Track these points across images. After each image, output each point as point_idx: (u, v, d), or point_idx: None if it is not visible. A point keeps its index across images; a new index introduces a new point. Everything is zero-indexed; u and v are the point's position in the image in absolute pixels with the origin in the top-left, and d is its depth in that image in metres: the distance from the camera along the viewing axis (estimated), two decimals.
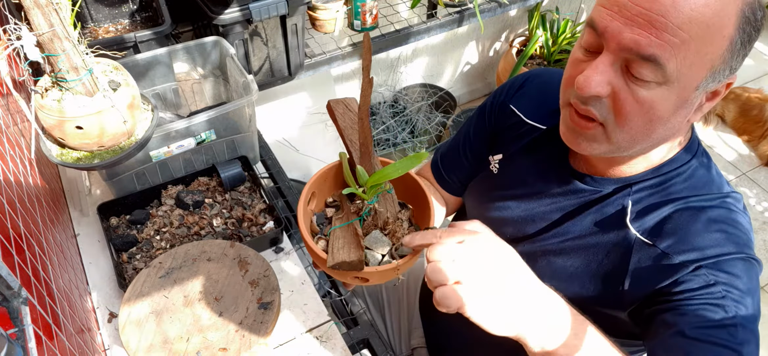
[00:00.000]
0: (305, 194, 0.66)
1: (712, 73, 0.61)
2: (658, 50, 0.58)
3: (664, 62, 0.58)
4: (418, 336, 1.15)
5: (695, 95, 0.63)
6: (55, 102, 0.89)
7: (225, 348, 0.91)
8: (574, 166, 0.80)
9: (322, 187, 0.70)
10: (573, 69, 0.68)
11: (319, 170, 0.69)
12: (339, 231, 0.63)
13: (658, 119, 0.64)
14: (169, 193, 1.20)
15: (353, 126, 0.67)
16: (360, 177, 0.63)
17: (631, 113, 0.63)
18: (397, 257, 0.64)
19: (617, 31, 0.60)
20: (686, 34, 0.57)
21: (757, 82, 3.03)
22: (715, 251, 0.68)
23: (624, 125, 0.65)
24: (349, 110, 0.68)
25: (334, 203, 0.71)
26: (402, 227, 0.67)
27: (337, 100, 0.68)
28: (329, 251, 0.61)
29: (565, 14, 2.60)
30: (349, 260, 0.59)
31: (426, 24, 1.89)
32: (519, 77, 0.92)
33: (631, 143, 0.68)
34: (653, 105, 0.62)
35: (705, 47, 0.59)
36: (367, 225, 0.65)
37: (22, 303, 0.60)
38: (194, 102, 1.39)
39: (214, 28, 1.40)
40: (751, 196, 2.50)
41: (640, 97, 0.62)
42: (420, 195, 0.69)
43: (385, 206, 0.65)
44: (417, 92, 2.69)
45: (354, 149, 0.66)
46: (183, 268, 1.02)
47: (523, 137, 0.86)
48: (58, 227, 1.01)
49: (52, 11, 0.80)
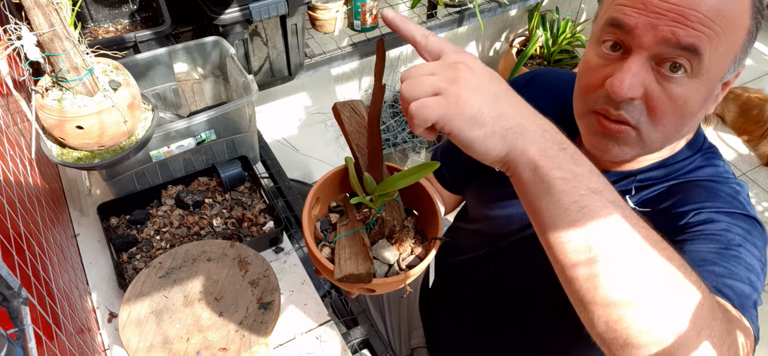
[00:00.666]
0: (310, 201, 0.64)
1: (734, 64, 0.63)
2: (697, 40, 0.58)
3: (702, 51, 0.58)
4: (418, 336, 1.15)
5: (718, 86, 0.64)
6: (55, 102, 0.89)
7: (225, 348, 0.91)
8: None
9: (326, 192, 0.68)
10: (592, 75, 0.66)
11: (324, 175, 0.66)
12: (345, 240, 0.61)
13: (689, 113, 0.64)
14: (169, 193, 1.20)
15: (360, 130, 0.64)
16: (368, 185, 0.60)
17: (665, 111, 0.63)
18: (405, 266, 0.62)
19: (651, 25, 0.59)
20: (718, 27, 0.58)
21: (757, 83, 3.03)
22: (719, 204, 0.67)
23: (657, 124, 0.64)
24: (356, 114, 0.66)
25: (338, 208, 0.68)
26: (409, 236, 0.64)
27: (344, 102, 0.66)
28: (336, 262, 0.58)
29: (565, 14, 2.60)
30: (358, 273, 0.57)
31: (426, 24, 1.89)
32: (522, 77, 0.92)
33: (663, 141, 0.67)
34: (686, 100, 0.62)
35: (731, 39, 0.60)
36: (373, 234, 0.63)
37: (22, 303, 0.60)
38: (194, 102, 1.39)
39: (214, 28, 1.40)
40: (752, 196, 2.51)
41: (673, 94, 0.62)
42: (426, 202, 0.67)
43: (392, 214, 0.63)
44: None
45: (361, 154, 0.63)
46: (183, 268, 1.02)
47: None
48: (58, 227, 1.01)
49: (52, 11, 0.80)
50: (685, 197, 0.69)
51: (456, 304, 1.01)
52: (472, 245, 0.95)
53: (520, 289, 0.87)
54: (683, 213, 0.68)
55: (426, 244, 0.65)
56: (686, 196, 0.69)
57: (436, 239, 0.62)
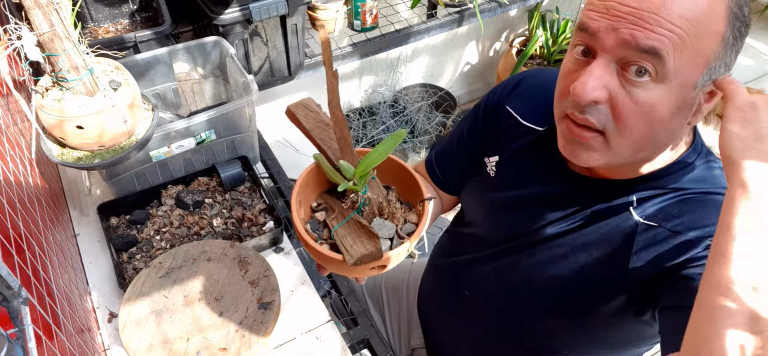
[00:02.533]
0: (294, 205, 0.65)
1: (709, 71, 0.61)
2: (657, 42, 0.58)
3: (664, 55, 0.58)
4: (417, 336, 1.15)
5: (693, 94, 0.63)
6: (55, 102, 0.89)
7: (225, 348, 0.91)
8: (572, 168, 0.79)
9: (306, 194, 0.69)
10: (566, 80, 0.67)
11: (299, 179, 0.67)
12: (341, 230, 0.63)
13: (658, 121, 0.63)
14: (169, 193, 1.20)
15: (319, 125, 0.67)
16: (346, 171, 0.62)
17: (631, 117, 0.62)
18: (405, 235, 0.64)
19: (612, 28, 0.59)
20: (680, 30, 0.58)
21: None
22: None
23: (624, 129, 0.63)
24: (310, 111, 0.68)
25: (321, 206, 0.70)
26: (397, 208, 0.67)
27: (296, 104, 0.68)
28: (344, 251, 0.60)
29: (565, 14, 2.59)
30: (369, 252, 0.59)
31: (426, 24, 1.89)
32: (513, 78, 0.91)
33: (633, 150, 0.66)
34: (652, 106, 0.61)
35: (699, 44, 0.59)
36: (366, 215, 0.65)
37: (22, 303, 0.60)
38: (194, 102, 1.39)
39: (214, 28, 1.40)
40: None
41: (638, 99, 0.61)
42: (402, 172, 0.69)
43: (376, 192, 0.66)
44: (417, 92, 2.69)
45: (327, 147, 0.65)
46: (183, 268, 1.02)
47: (520, 138, 0.86)
48: (58, 227, 1.01)
49: (52, 11, 0.80)
50: (692, 219, 0.68)
51: (453, 305, 1.01)
52: (468, 247, 0.95)
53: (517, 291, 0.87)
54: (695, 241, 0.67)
55: (416, 209, 0.68)
56: (693, 218, 0.68)
57: (424, 201, 0.65)
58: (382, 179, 0.70)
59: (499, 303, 0.91)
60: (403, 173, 0.69)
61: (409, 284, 1.22)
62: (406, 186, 0.69)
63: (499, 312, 0.91)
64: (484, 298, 0.93)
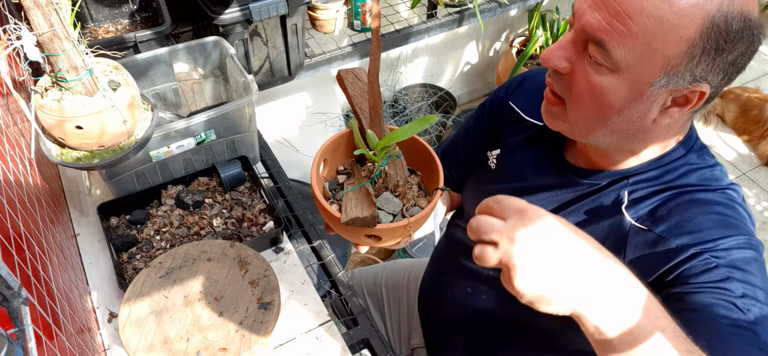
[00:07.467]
0: (317, 161, 0.68)
1: (668, 73, 0.61)
2: (606, 35, 0.60)
3: (610, 48, 0.61)
4: (417, 336, 1.15)
5: (651, 91, 0.63)
6: (55, 102, 0.89)
7: (225, 348, 0.91)
8: (569, 160, 0.81)
9: (333, 154, 0.73)
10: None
11: (331, 137, 0.71)
12: (351, 193, 0.65)
13: (609, 106, 0.65)
14: (169, 193, 1.20)
15: (362, 94, 0.70)
16: (370, 140, 0.65)
17: (582, 94, 0.66)
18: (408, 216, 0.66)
19: (582, 12, 0.63)
20: (635, 25, 0.58)
21: (757, 83, 3.03)
22: (713, 234, 0.66)
23: (576, 105, 0.68)
24: (359, 80, 0.71)
25: (346, 171, 0.73)
26: (412, 190, 0.69)
27: (347, 70, 0.71)
28: (343, 210, 0.63)
29: (565, 14, 2.59)
30: (362, 216, 0.61)
31: (426, 24, 1.89)
32: (519, 76, 0.94)
33: (586, 126, 0.70)
34: (603, 91, 0.64)
35: (656, 42, 0.59)
36: (378, 187, 0.67)
37: (22, 303, 0.60)
38: (194, 102, 1.39)
39: (214, 28, 1.40)
40: (751, 196, 2.50)
41: (592, 80, 0.64)
42: (428, 159, 0.71)
43: (396, 169, 0.68)
44: (417, 92, 2.69)
45: (363, 116, 0.68)
46: (183, 268, 1.02)
47: (521, 132, 0.88)
48: (58, 227, 1.01)
49: (52, 11, 0.80)
50: (682, 221, 0.69)
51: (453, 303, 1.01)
52: (468, 244, 0.96)
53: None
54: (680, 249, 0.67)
55: (429, 197, 0.70)
56: (682, 220, 0.69)
57: (437, 190, 0.67)
58: (410, 162, 0.72)
59: (499, 301, 0.91)
60: (429, 160, 0.71)
61: (409, 283, 1.22)
62: (430, 174, 0.72)
63: (499, 309, 0.91)
64: (484, 296, 0.93)
